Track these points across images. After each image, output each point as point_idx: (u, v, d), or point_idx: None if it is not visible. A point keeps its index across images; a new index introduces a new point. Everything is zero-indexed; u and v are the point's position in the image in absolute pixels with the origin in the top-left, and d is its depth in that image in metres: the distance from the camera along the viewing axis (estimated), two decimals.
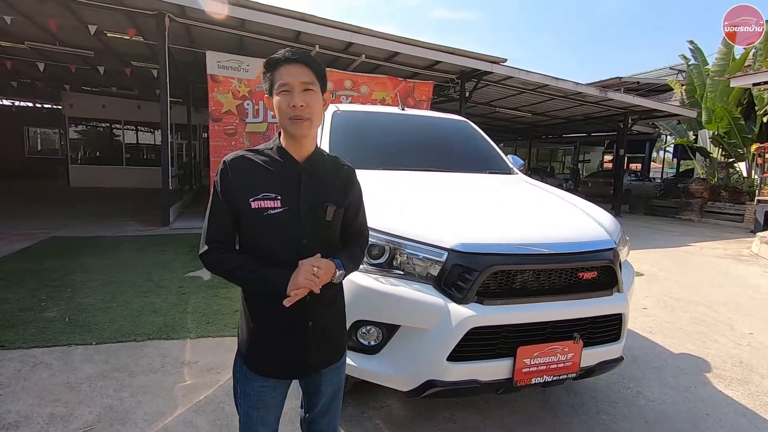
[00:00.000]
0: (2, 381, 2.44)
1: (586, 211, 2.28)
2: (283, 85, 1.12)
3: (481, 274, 1.73)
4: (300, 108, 1.12)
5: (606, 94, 10.40)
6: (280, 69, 1.14)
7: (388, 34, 7.94)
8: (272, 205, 1.14)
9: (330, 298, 1.27)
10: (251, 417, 1.27)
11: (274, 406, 1.29)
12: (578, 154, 24.87)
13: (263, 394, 1.25)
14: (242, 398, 1.27)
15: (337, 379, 1.36)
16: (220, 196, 1.16)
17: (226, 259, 1.17)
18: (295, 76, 1.12)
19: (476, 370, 1.79)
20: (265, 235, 1.15)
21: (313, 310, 1.22)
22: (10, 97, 17.25)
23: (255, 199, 1.13)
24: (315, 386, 1.33)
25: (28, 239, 6.02)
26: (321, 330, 1.25)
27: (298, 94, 1.12)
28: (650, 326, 3.80)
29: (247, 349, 1.25)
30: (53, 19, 7.17)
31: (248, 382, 1.25)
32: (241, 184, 1.15)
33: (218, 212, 1.18)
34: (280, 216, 1.14)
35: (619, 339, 2.07)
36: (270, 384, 1.25)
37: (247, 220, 1.15)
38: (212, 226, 1.18)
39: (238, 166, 1.16)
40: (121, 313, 3.47)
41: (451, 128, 3.60)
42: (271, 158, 1.19)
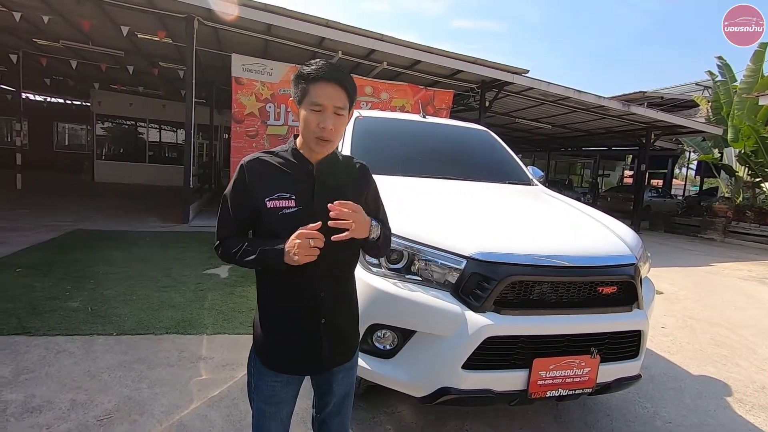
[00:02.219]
0: (28, 366, 2.52)
1: (607, 225, 2.26)
2: (317, 105, 1.15)
3: (500, 284, 1.73)
4: (329, 131, 1.16)
5: (629, 108, 10.26)
6: (317, 85, 1.15)
7: (411, 42, 8.01)
8: (287, 205, 1.18)
9: (345, 295, 1.31)
10: (264, 412, 1.30)
11: (286, 402, 1.31)
12: (598, 167, 24.50)
13: (276, 390, 1.28)
14: (255, 393, 1.30)
15: (348, 380, 1.38)
16: (237, 196, 1.22)
17: (232, 245, 1.22)
18: (330, 99, 1.15)
19: (491, 380, 1.79)
20: (281, 234, 1.17)
21: (326, 308, 1.24)
22: (43, 93, 17.87)
23: (270, 199, 1.18)
24: (327, 386, 1.35)
25: (54, 231, 6.22)
26: (334, 328, 1.27)
27: (330, 117, 1.16)
28: (669, 346, 3.71)
29: (261, 345, 1.29)
30: (87, 20, 7.44)
31: (261, 377, 1.28)
32: (257, 185, 1.19)
33: (231, 210, 1.23)
34: (294, 215, 1.17)
35: (638, 356, 2.04)
36: (282, 380, 1.28)
37: (264, 220, 1.20)
38: (223, 222, 1.25)
39: (255, 168, 1.21)
40: (141, 306, 3.55)
41: (471, 137, 3.61)
42: (287, 160, 1.23)
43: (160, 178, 15.81)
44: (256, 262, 1.21)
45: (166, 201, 10.71)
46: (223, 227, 1.25)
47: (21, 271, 4.19)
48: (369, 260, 1.97)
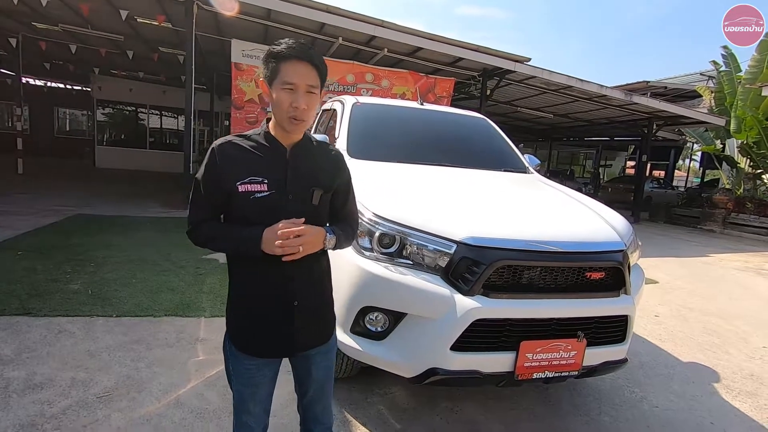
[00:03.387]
0: (29, 345, 2.58)
1: (598, 213, 2.28)
2: (289, 84, 1.14)
3: (488, 268, 1.77)
4: (302, 111, 1.15)
5: (631, 97, 10.18)
6: (287, 64, 1.14)
7: (412, 28, 7.94)
8: (259, 189, 1.17)
9: (317, 278, 1.31)
10: (242, 394, 1.31)
11: (264, 383, 1.32)
12: (599, 158, 24.40)
13: (252, 373, 1.28)
14: (233, 376, 1.31)
15: (326, 363, 1.38)
16: (208, 179, 1.20)
17: (205, 229, 1.23)
18: (302, 77, 1.14)
19: (478, 361, 1.83)
20: (253, 218, 1.17)
21: (299, 290, 1.25)
22: (42, 78, 17.78)
23: (242, 183, 1.16)
24: (305, 369, 1.36)
25: (55, 215, 6.27)
26: (307, 310, 1.27)
27: (302, 96, 1.15)
28: (661, 334, 3.76)
29: (233, 329, 1.29)
30: (86, 4, 7.38)
31: (237, 360, 1.28)
32: (228, 168, 1.18)
33: (203, 194, 1.22)
34: (267, 199, 1.17)
35: (624, 341, 2.08)
36: (257, 363, 1.28)
37: (236, 204, 1.19)
38: (195, 206, 1.24)
39: (226, 151, 1.20)
40: (141, 289, 3.61)
41: (469, 125, 3.61)
42: (259, 143, 1.22)
43: (160, 164, 15.82)
44: (231, 248, 1.22)
45: (167, 186, 10.74)
46: (195, 212, 1.24)
47: (22, 254, 4.24)
48: (361, 244, 2.00)
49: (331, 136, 3.30)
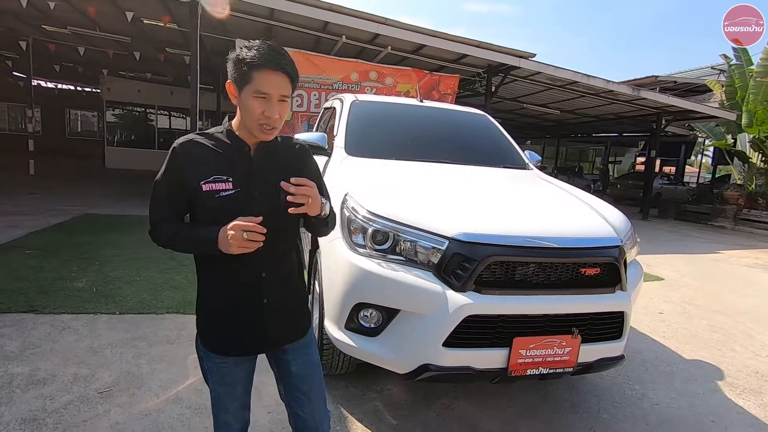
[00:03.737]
0: (34, 342, 2.64)
1: (595, 208, 2.26)
2: (262, 93, 1.11)
3: (480, 264, 1.76)
4: (275, 120, 1.13)
5: (638, 92, 10.04)
6: (261, 73, 1.10)
7: (415, 26, 7.90)
8: (224, 187, 1.15)
9: (286, 275, 1.29)
10: (219, 392, 1.31)
11: (240, 380, 1.31)
12: (608, 154, 24.13)
13: (225, 371, 1.28)
14: (208, 375, 1.31)
15: (306, 358, 1.35)
16: (171, 178, 1.18)
17: (164, 229, 1.22)
18: (276, 87, 1.12)
19: (471, 358, 1.83)
20: (219, 217, 1.14)
21: (268, 288, 1.23)
22: (53, 80, 18.07)
23: (206, 182, 1.14)
24: (284, 366, 1.34)
25: (64, 215, 6.37)
26: (277, 308, 1.26)
27: (275, 106, 1.13)
28: (664, 332, 3.72)
29: (203, 329, 1.28)
30: (93, 5, 7.47)
31: (210, 359, 1.28)
32: (191, 167, 1.16)
33: (162, 195, 1.21)
34: (232, 198, 1.16)
35: (621, 337, 2.07)
36: (230, 361, 1.27)
37: (200, 203, 1.17)
38: (156, 206, 1.23)
39: (188, 150, 1.17)
40: (144, 286, 3.66)
41: (468, 121, 3.60)
42: (221, 142, 1.20)
43: None
44: (191, 248, 1.21)
45: None
46: (155, 211, 1.23)
47: (30, 253, 4.33)
48: (355, 241, 2.01)
49: (330, 135, 3.32)
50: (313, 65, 8.33)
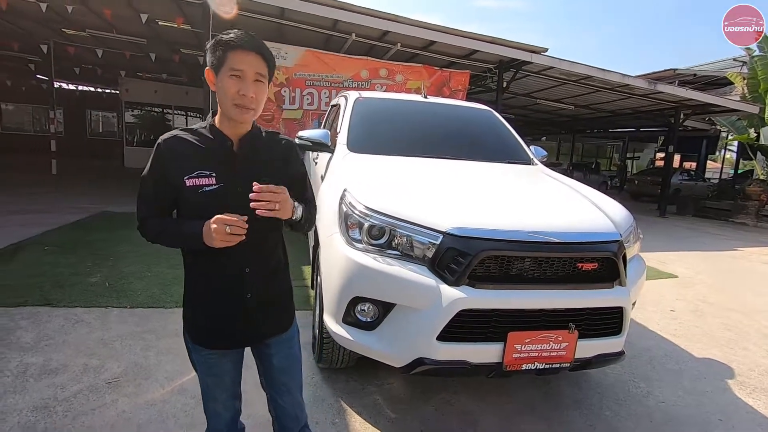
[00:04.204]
0: (48, 334, 2.74)
1: (595, 203, 2.24)
2: (236, 71, 1.13)
3: (474, 258, 1.77)
4: (250, 99, 1.15)
5: (655, 86, 9.80)
6: (236, 53, 1.13)
7: (425, 22, 7.87)
8: (207, 182, 1.17)
9: (271, 270, 1.32)
10: (206, 382, 1.34)
11: (227, 372, 1.34)
12: (626, 150, 23.62)
13: (212, 362, 1.31)
14: (196, 366, 1.34)
15: (288, 351, 1.38)
16: (155, 174, 1.20)
17: (151, 225, 1.24)
18: (250, 65, 1.14)
19: (466, 352, 1.84)
20: (202, 212, 1.15)
21: (252, 283, 1.26)
22: (74, 82, 18.58)
23: (189, 177, 1.16)
24: (267, 360, 1.37)
25: (82, 213, 6.57)
26: (261, 302, 1.28)
27: (250, 84, 1.14)
28: (675, 329, 3.65)
29: (188, 320, 1.31)
30: (109, 8, 7.66)
31: (196, 351, 1.31)
32: (175, 163, 1.17)
33: (148, 191, 1.23)
34: (215, 193, 1.17)
35: (620, 333, 2.04)
36: (217, 353, 1.30)
37: (184, 198, 1.19)
38: (143, 202, 1.25)
39: (172, 146, 1.19)
40: (155, 281, 3.75)
41: (472, 117, 3.59)
42: (204, 137, 1.21)
43: None
44: (177, 243, 1.23)
45: None
46: (142, 207, 1.25)
47: (48, 249, 4.48)
48: (352, 235, 2.03)
49: (334, 131, 3.35)
50: (324, 63, 8.38)
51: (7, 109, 19.12)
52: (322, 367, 2.54)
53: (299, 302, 3.37)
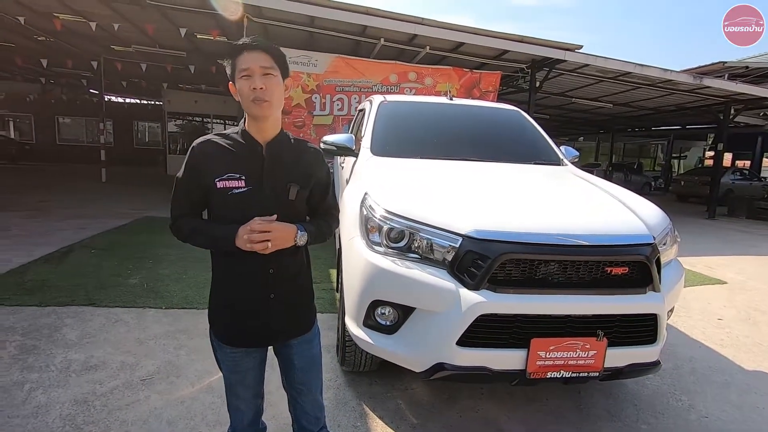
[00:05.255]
0: (90, 332, 2.90)
1: (627, 204, 2.13)
2: (244, 70, 1.19)
3: (494, 262, 1.72)
4: (260, 90, 1.19)
5: (701, 80, 9.23)
6: (242, 55, 1.20)
7: (453, 24, 7.81)
8: (236, 185, 1.22)
9: (293, 272, 1.35)
10: (230, 380, 1.39)
11: (251, 369, 1.37)
12: (671, 148, 22.39)
13: (236, 360, 1.34)
14: (221, 363, 1.39)
15: (309, 352, 1.41)
16: (189, 176, 1.27)
17: (183, 225, 1.30)
18: (255, 61, 1.19)
19: (487, 358, 1.79)
20: (232, 214, 1.22)
21: (275, 284, 1.30)
22: (122, 95, 19.75)
23: (220, 179, 1.22)
24: (288, 360, 1.40)
25: (127, 218, 6.95)
26: (284, 303, 1.32)
27: (258, 78, 1.19)
28: (722, 339, 3.41)
29: (213, 318, 1.36)
30: (151, 24, 8.10)
31: (221, 348, 1.35)
32: (207, 166, 1.23)
33: (183, 190, 1.29)
34: (244, 195, 1.22)
35: (655, 342, 1.93)
36: (240, 352, 1.34)
37: (215, 199, 1.24)
38: (176, 202, 1.31)
39: (205, 149, 1.25)
40: (190, 284, 3.91)
41: (499, 118, 3.51)
42: (236, 141, 1.27)
43: None
44: (209, 244, 1.29)
45: None
46: (176, 207, 1.31)
47: (94, 252, 4.76)
48: (372, 239, 2.03)
49: (358, 136, 3.37)
50: (353, 69, 8.48)
51: (64, 122, 20.60)
52: (345, 369, 2.55)
53: (326, 305, 3.41)
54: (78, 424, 2.01)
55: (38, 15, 8.04)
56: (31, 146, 18.67)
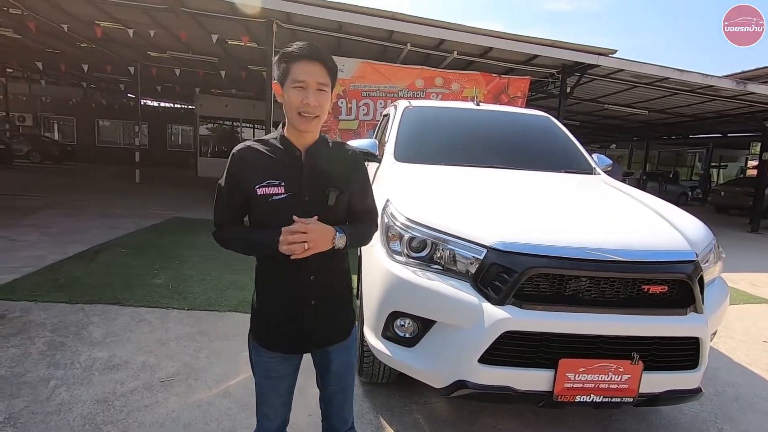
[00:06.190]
0: (115, 331, 2.96)
1: (666, 217, 1.99)
2: (299, 82, 1.18)
3: (520, 276, 1.63)
4: (313, 107, 1.18)
5: (745, 86, 8.75)
6: (298, 64, 1.18)
7: (481, 29, 7.69)
8: (276, 191, 1.22)
9: (335, 277, 1.34)
10: (263, 386, 1.37)
11: (285, 376, 1.36)
12: (710, 157, 21.36)
13: (272, 365, 1.34)
14: (255, 368, 1.38)
15: (346, 357, 1.41)
16: (229, 183, 1.27)
17: (225, 232, 1.31)
18: (312, 75, 1.18)
19: (511, 377, 1.69)
20: (272, 220, 1.22)
21: (317, 290, 1.29)
22: (157, 99, 20.51)
23: (260, 186, 1.21)
24: (325, 365, 1.40)
25: (157, 218, 7.14)
26: (324, 309, 1.31)
27: (312, 93, 1.18)
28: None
29: (255, 323, 1.36)
30: (184, 31, 8.35)
31: (258, 353, 1.35)
32: (247, 173, 1.23)
33: (225, 198, 1.29)
34: (284, 201, 1.22)
35: (697, 367, 1.78)
36: (278, 357, 1.33)
37: (255, 206, 1.25)
38: (219, 209, 1.32)
39: (245, 156, 1.25)
40: (213, 285, 3.94)
41: (528, 124, 3.40)
42: (275, 147, 1.26)
43: None
44: (250, 249, 1.29)
45: None
46: (218, 214, 1.32)
47: (124, 251, 4.90)
48: (392, 248, 1.97)
49: (382, 141, 3.33)
50: (380, 74, 8.47)
51: (103, 125, 21.57)
52: (363, 380, 2.48)
53: None
54: (98, 423, 2.03)
55: (81, 23, 8.43)
56: (73, 147, 19.61)
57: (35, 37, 9.68)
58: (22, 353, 2.60)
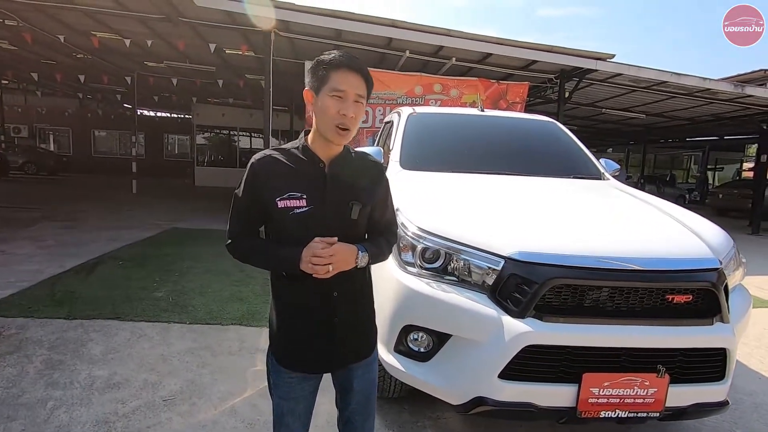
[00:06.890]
0: (115, 347, 2.87)
1: (685, 224, 1.93)
2: (339, 91, 1.13)
3: (541, 287, 1.57)
4: (350, 119, 1.14)
5: (743, 89, 8.79)
6: (339, 73, 1.14)
7: (480, 35, 7.71)
8: (298, 204, 1.16)
9: (358, 294, 1.29)
10: (282, 407, 1.30)
11: (304, 397, 1.30)
12: (707, 160, 21.47)
13: (292, 386, 1.28)
14: (274, 388, 1.31)
15: (369, 375, 1.35)
16: (248, 194, 1.21)
17: (244, 244, 1.25)
18: (352, 86, 1.14)
19: (533, 393, 1.62)
20: (291, 234, 1.17)
21: (340, 307, 1.23)
22: (153, 109, 20.46)
23: (281, 199, 1.16)
24: (347, 383, 1.33)
25: (155, 229, 7.05)
26: (348, 327, 1.26)
27: (351, 104, 1.14)
28: None
29: (275, 342, 1.30)
30: (182, 40, 8.31)
31: (278, 373, 1.29)
32: (268, 184, 1.18)
33: (241, 209, 1.24)
34: (306, 215, 1.16)
35: (724, 379, 1.72)
36: (298, 377, 1.27)
37: (275, 219, 1.19)
38: (234, 221, 1.26)
39: (266, 166, 1.20)
40: (214, 298, 3.86)
41: (534, 129, 3.35)
42: (297, 158, 1.21)
43: None
44: (268, 265, 1.23)
45: None
46: (234, 225, 1.26)
47: (123, 264, 4.80)
48: (404, 258, 1.91)
49: (387, 149, 3.27)
50: (378, 81, 8.45)
51: (99, 135, 21.49)
52: None
53: None
54: None
55: (77, 33, 8.39)
56: (69, 158, 19.49)
57: (31, 48, 9.63)
58: (19, 372, 2.51)
